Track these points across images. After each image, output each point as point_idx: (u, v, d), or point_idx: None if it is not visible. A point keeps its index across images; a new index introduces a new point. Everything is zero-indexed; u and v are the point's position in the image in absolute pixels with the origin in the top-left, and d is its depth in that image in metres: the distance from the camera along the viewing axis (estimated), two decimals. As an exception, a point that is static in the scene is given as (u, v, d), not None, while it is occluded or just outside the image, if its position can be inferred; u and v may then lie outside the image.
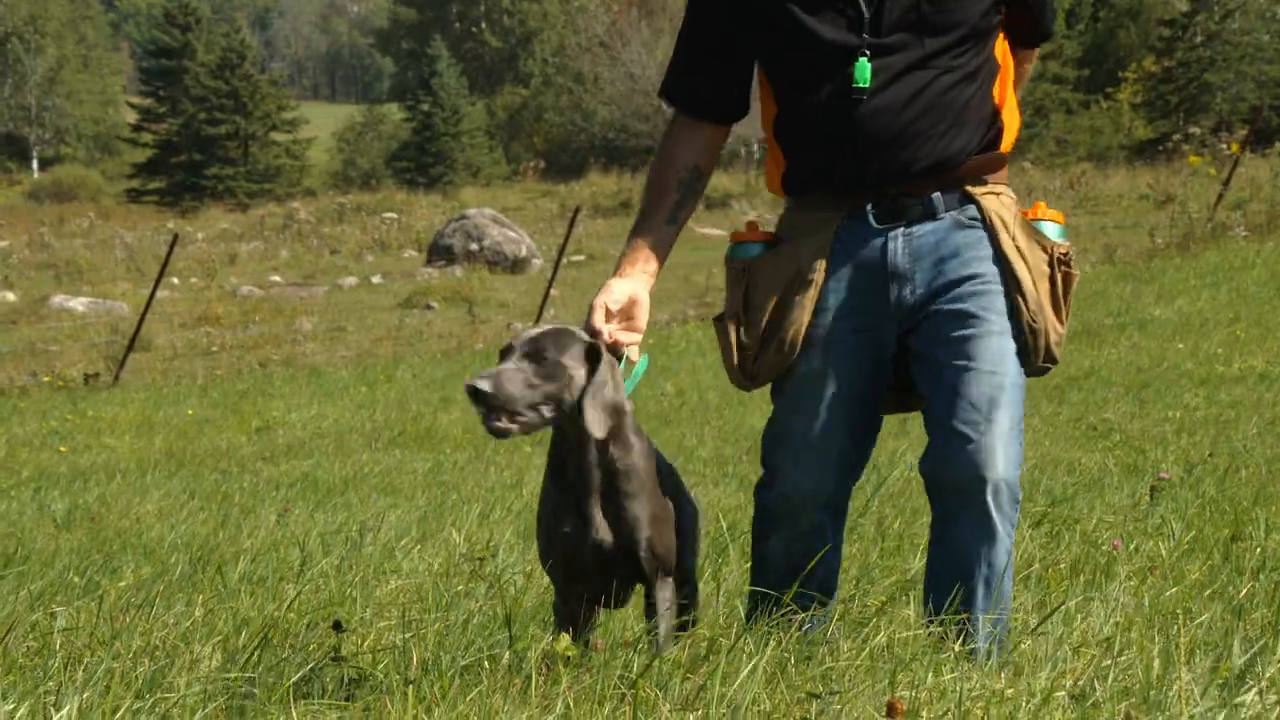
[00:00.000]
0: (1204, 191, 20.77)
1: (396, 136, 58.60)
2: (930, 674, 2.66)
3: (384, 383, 13.60)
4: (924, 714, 2.47)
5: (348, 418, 11.26)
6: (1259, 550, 4.09)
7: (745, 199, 36.88)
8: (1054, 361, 3.04)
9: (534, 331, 2.85)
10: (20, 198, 50.63)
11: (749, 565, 3.26)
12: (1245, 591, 3.51)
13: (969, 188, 3.03)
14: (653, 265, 3.01)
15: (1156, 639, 2.94)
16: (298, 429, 10.82)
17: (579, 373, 2.81)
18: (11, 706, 2.68)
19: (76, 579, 4.74)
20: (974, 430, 2.88)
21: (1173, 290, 13.97)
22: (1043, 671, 2.76)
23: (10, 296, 24.49)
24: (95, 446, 10.58)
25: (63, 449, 10.47)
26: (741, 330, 3.04)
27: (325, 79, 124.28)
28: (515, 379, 2.77)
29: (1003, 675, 2.73)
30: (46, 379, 15.51)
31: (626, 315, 2.96)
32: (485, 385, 2.72)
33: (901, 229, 3.00)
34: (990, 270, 2.99)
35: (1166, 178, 26.06)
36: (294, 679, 2.90)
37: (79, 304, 22.26)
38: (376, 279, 25.15)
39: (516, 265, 25.56)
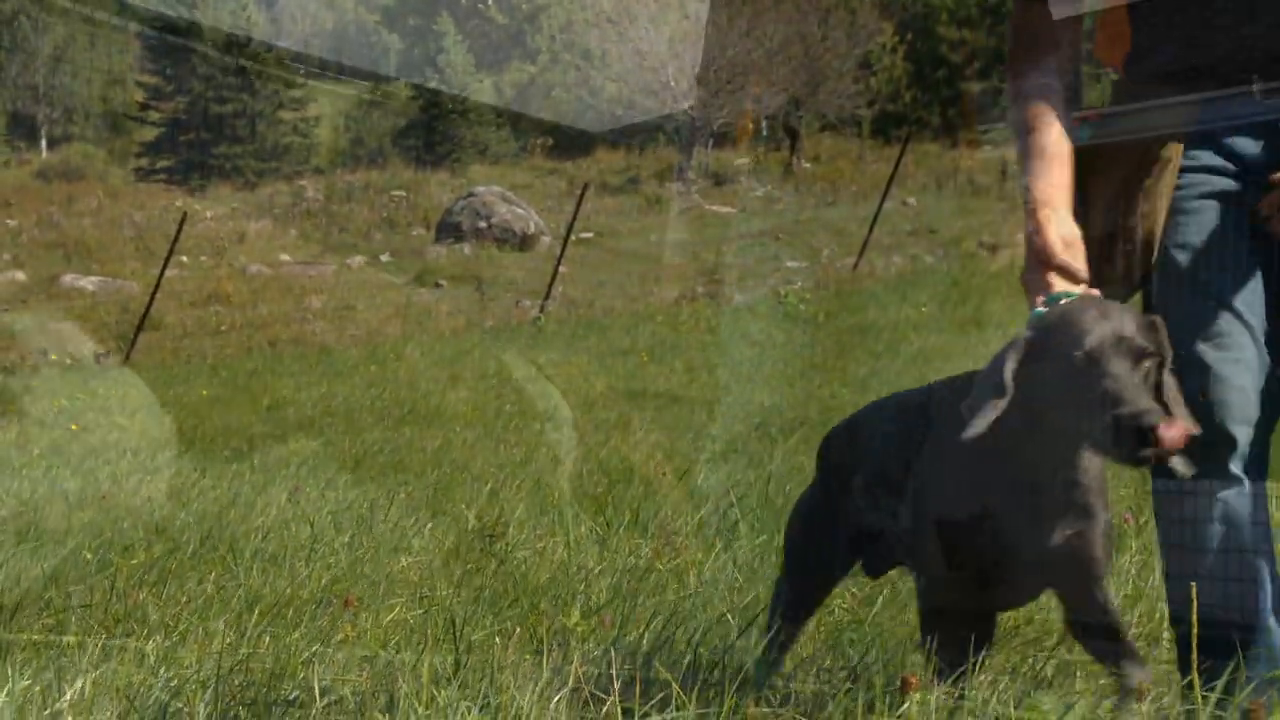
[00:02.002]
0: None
1: (404, 114, 58.54)
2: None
3: (393, 361, 13.60)
4: (936, 691, 2.47)
5: (357, 396, 11.27)
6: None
7: (754, 175, 36.83)
8: None
9: (1119, 322, 2.09)
10: (29, 177, 50.56)
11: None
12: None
13: None
14: (1069, 193, 2.29)
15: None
16: (307, 407, 10.83)
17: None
18: (26, 683, 2.69)
19: (89, 556, 4.76)
20: None
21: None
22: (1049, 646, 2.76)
23: (20, 276, 24.51)
24: (106, 425, 10.60)
25: (73, 427, 10.49)
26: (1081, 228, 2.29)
27: (332, 57, 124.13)
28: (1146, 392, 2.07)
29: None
30: (56, 357, 15.53)
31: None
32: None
33: None
34: None
35: None
36: (306, 655, 2.91)
37: (89, 283, 22.27)
38: (385, 257, 25.14)
39: (525, 242, 25.53)
